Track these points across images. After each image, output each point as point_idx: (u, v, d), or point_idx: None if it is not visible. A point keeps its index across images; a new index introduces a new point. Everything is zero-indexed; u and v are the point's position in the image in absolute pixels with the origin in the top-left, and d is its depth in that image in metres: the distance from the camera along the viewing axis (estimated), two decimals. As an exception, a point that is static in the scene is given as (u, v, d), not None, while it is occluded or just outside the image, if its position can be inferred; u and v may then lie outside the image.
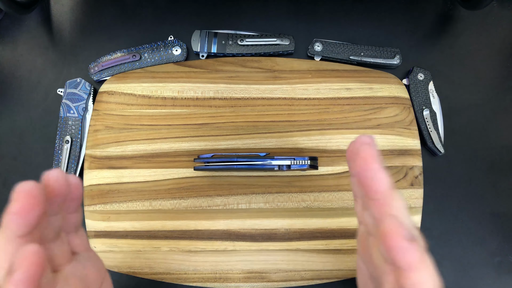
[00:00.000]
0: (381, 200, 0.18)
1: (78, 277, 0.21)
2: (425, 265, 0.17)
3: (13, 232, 0.17)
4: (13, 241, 0.17)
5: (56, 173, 0.19)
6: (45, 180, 0.19)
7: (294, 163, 0.35)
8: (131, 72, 0.41)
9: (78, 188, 0.21)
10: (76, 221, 0.23)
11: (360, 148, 0.18)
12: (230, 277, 0.36)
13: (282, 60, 0.41)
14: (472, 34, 0.45)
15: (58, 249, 0.21)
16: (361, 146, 0.18)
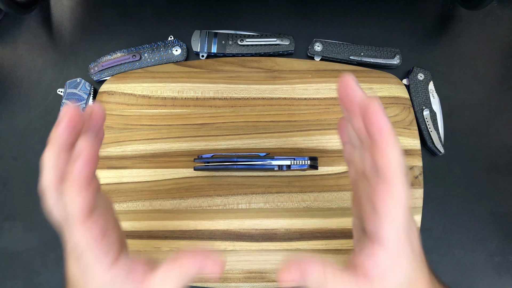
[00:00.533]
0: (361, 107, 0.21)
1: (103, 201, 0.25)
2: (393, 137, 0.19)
3: (62, 143, 0.21)
4: (62, 152, 0.21)
5: (97, 106, 0.23)
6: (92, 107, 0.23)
7: (294, 163, 0.35)
8: (131, 72, 0.41)
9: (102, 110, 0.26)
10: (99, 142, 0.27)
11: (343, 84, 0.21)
12: (230, 277, 0.36)
13: (282, 60, 0.41)
14: (472, 34, 0.45)
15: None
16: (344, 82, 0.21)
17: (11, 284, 0.37)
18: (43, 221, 0.38)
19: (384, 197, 0.19)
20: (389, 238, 0.20)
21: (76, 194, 0.19)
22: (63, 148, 0.21)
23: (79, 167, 0.19)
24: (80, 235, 0.20)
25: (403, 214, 0.19)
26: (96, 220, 0.21)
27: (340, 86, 0.21)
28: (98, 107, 0.24)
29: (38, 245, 0.38)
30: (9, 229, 0.39)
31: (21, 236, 0.38)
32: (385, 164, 0.19)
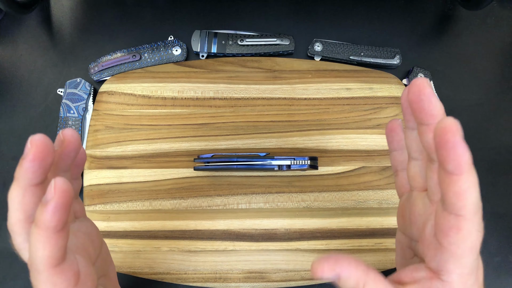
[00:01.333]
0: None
1: (84, 232, 0.23)
2: (472, 171, 0.16)
3: (29, 180, 0.19)
4: (29, 190, 0.19)
5: (71, 132, 0.21)
6: (62, 133, 0.21)
7: (294, 163, 0.35)
8: (131, 72, 0.41)
9: (82, 155, 0.24)
10: (77, 187, 0.25)
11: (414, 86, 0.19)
12: (230, 277, 0.36)
13: (282, 60, 0.41)
14: (472, 34, 0.45)
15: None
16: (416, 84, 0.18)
17: (11, 284, 0.37)
18: (43, 221, 0.39)
19: (455, 236, 0.17)
20: (455, 275, 0.18)
21: (42, 243, 0.17)
22: (29, 185, 0.19)
23: (48, 214, 0.16)
24: (45, 286, 0.17)
25: (474, 252, 0.17)
26: (68, 266, 0.18)
27: (412, 89, 0.18)
28: (70, 132, 0.21)
29: (38, 245, 0.38)
30: (9, 229, 0.39)
31: (21, 236, 0.38)
32: (461, 203, 0.16)
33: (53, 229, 0.17)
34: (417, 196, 0.21)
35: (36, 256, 0.17)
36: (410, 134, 0.22)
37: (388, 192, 0.38)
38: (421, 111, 0.18)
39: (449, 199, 0.17)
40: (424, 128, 0.19)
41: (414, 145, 0.21)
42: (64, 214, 0.17)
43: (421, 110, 0.18)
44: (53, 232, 0.17)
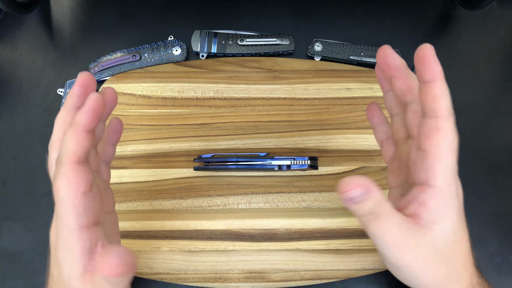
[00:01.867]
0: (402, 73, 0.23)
1: (103, 182, 0.26)
2: (444, 81, 0.21)
3: (74, 103, 0.22)
4: (72, 112, 0.22)
5: (111, 90, 0.24)
6: (104, 89, 0.24)
7: (294, 163, 0.35)
8: (131, 72, 0.41)
9: (121, 125, 0.29)
10: (112, 154, 0.29)
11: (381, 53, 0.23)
12: (230, 277, 0.36)
13: (282, 60, 0.41)
14: (472, 34, 0.45)
15: (93, 156, 0.25)
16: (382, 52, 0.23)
17: (11, 284, 0.37)
18: (43, 221, 0.39)
19: (435, 136, 0.20)
20: (440, 177, 0.20)
21: (73, 137, 0.20)
22: (73, 107, 0.22)
23: (82, 114, 0.20)
24: (63, 180, 0.20)
25: (453, 154, 0.20)
26: (85, 170, 0.20)
27: (379, 55, 0.23)
28: (111, 90, 0.25)
29: (38, 245, 0.38)
30: (9, 229, 0.38)
31: (21, 236, 0.38)
32: (438, 104, 0.20)
33: (83, 127, 0.20)
34: (401, 146, 0.25)
35: (64, 150, 0.20)
36: (388, 95, 0.26)
37: (388, 192, 0.38)
38: (388, 67, 0.23)
39: (428, 104, 0.20)
40: (394, 79, 0.23)
41: (393, 103, 0.26)
42: (94, 116, 0.20)
43: (388, 67, 0.23)
44: (83, 130, 0.20)
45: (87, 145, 0.20)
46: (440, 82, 0.20)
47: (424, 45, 0.20)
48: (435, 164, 0.20)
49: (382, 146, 0.29)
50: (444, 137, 0.20)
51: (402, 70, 0.23)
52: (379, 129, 0.29)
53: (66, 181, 0.20)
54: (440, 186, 0.20)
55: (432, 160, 0.20)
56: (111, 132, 0.28)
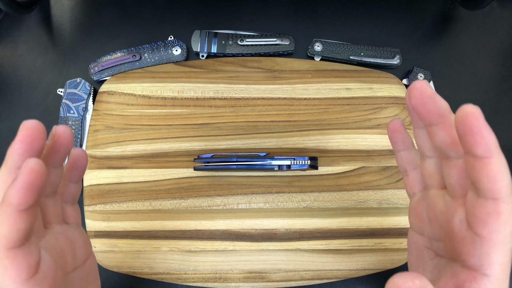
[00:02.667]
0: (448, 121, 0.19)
1: (67, 238, 0.22)
2: (501, 153, 0.16)
3: (15, 162, 0.18)
4: (14, 173, 0.18)
5: (64, 127, 0.21)
6: (55, 129, 0.21)
7: (294, 163, 0.35)
8: (131, 72, 0.41)
9: (83, 159, 0.24)
10: (75, 192, 0.25)
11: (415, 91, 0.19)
12: (230, 277, 0.36)
13: (282, 60, 0.41)
14: (472, 34, 0.45)
15: (52, 207, 0.22)
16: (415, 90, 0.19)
17: None
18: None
19: (495, 223, 0.17)
20: (497, 266, 0.17)
21: (4, 219, 0.16)
22: (15, 167, 0.18)
23: (13, 190, 0.16)
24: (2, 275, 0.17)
25: (509, 238, 0.17)
26: (23, 255, 0.17)
27: (413, 94, 0.19)
28: (63, 128, 0.21)
29: (38, 245, 0.38)
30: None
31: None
32: (497, 185, 0.16)
33: (15, 206, 0.16)
34: (435, 194, 0.21)
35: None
36: (421, 133, 0.22)
37: (388, 192, 0.38)
38: (428, 113, 0.19)
39: (484, 184, 0.16)
40: (435, 128, 0.19)
41: (427, 144, 0.21)
42: (30, 193, 0.16)
43: (427, 112, 0.19)
44: (14, 210, 0.16)
45: (24, 226, 0.17)
46: (497, 157, 0.16)
47: (469, 108, 0.16)
48: (492, 252, 0.17)
49: (405, 176, 0.25)
50: (506, 222, 0.17)
51: (447, 119, 0.19)
52: (404, 157, 0.24)
53: (2, 270, 0.17)
54: (495, 275, 0.18)
55: (488, 248, 0.17)
56: (72, 170, 0.24)
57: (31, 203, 0.17)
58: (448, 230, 0.20)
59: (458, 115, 0.16)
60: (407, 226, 0.37)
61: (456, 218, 0.19)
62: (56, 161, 0.21)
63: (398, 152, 0.25)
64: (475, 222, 0.18)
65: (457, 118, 0.16)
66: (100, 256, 0.37)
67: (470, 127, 0.16)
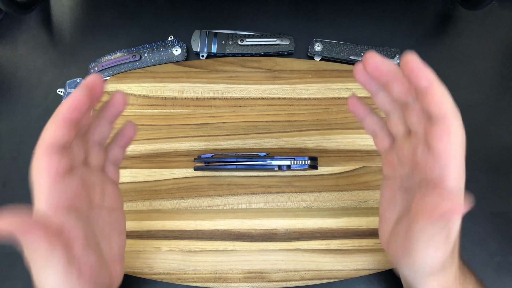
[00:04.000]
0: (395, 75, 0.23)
1: (100, 180, 0.26)
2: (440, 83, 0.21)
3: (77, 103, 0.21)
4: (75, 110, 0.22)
5: (122, 94, 0.25)
6: (114, 93, 0.25)
7: (294, 163, 0.35)
8: (131, 72, 0.41)
9: (133, 128, 0.28)
10: (119, 155, 0.28)
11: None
12: (230, 277, 0.36)
13: (282, 60, 0.41)
14: (472, 34, 0.45)
15: (96, 154, 0.26)
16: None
17: (11, 284, 0.37)
18: (43, 221, 0.38)
19: (447, 137, 0.21)
20: (456, 177, 0.21)
21: (51, 125, 0.21)
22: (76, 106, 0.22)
23: (64, 105, 0.21)
24: (35, 163, 0.21)
25: (463, 149, 0.21)
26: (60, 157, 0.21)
27: (369, 64, 0.23)
28: (122, 94, 0.25)
29: (38, 245, 0.38)
30: (9, 229, 0.38)
31: (21, 236, 0.38)
32: (441, 107, 0.20)
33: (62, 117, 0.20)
34: (402, 140, 0.26)
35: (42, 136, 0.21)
36: (379, 96, 0.26)
37: (388, 192, 0.38)
38: (382, 74, 0.23)
39: (432, 109, 0.21)
40: (391, 84, 0.23)
41: (386, 102, 0.26)
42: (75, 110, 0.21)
43: (381, 73, 0.23)
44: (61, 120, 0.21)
45: (65, 135, 0.21)
46: (437, 85, 0.21)
47: (408, 55, 0.21)
48: (450, 163, 0.21)
49: (375, 137, 0.29)
50: (456, 135, 0.21)
51: (398, 74, 0.23)
52: (368, 121, 0.29)
53: (38, 164, 0.21)
54: (456, 186, 0.21)
55: (446, 159, 0.21)
56: (120, 136, 0.28)
57: (75, 117, 0.21)
58: (414, 162, 0.24)
59: (402, 62, 0.21)
60: (407, 226, 0.37)
61: (419, 150, 0.23)
62: (107, 115, 0.25)
63: (362, 120, 0.29)
64: (432, 142, 0.21)
65: (402, 65, 0.21)
66: (100, 256, 0.37)
67: (411, 67, 0.21)
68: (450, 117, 0.20)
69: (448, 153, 0.21)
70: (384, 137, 0.28)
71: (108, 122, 0.26)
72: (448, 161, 0.21)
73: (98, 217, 0.25)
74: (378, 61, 0.22)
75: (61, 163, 0.21)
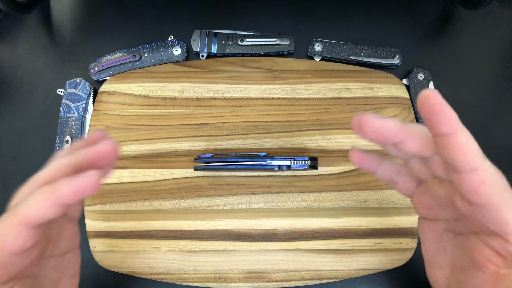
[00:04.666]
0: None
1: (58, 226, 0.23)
2: (464, 127, 0.18)
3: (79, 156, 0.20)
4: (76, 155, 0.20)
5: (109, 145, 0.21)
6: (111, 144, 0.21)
7: (294, 163, 0.35)
8: (131, 72, 0.41)
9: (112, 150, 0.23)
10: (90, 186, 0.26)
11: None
12: (230, 277, 0.36)
13: (282, 60, 0.41)
14: (472, 34, 0.45)
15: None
16: None
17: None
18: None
19: (485, 189, 0.18)
20: (510, 222, 0.18)
21: (41, 200, 0.18)
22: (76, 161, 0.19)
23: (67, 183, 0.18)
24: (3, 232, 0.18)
25: (506, 189, 0.18)
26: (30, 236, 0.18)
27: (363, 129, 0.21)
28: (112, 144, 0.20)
29: (38, 245, 0.38)
30: (9, 229, 0.38)
31: (21, 236, 0.38)
32: (469, 156, 0.18)
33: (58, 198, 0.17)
34: (433, 183, 0.22)
35: (24, 204, 0.18)
36: (392, 149, 0.23)
37: (388, 192, 0.38)
38: (387, 138, 0.20)
39: (457, 159, 0.18)
40: (401, 145, 0.21)
41: (399, 154, 0.23)
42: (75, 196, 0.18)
43: (387, 138, 0.20)
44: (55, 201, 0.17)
45: (53, 215, 0.18)
46: (461, 131, 0.18)
47: (428, 92, 0.17)
48: (500, 212, 0.18)
49: (396, 184, 0.25)
50: (493, 185, 0.18)
51: (406, 133, 0.20)
52: (384, 172, 0.25)
53: (3, 232, 0.18)
54: None
55: (495, 211, 0.18)
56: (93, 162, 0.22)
57: (71, 202, 0.18)
58: (458, 209, 0.20)
59: (420, 100, 0.17)
60: (407, 226, 0.37)
61: (457, 199, 0.20)
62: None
63: (376, 173, 0.25)
64: (469, 197, 0.18)
65: (419, 103, 0.17)
66: (100, 256, 0.37)
67: (432, 108, 0.17)
68: (479, 165, 0.18)
69: (494, 204, 0.18)
70: (407, 182, 0.24)
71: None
72: (500, 211, 0.18)
73: (47, 267, 0.23)
74: (377, 126, 0.20)
75: (31, 241, 0.18)
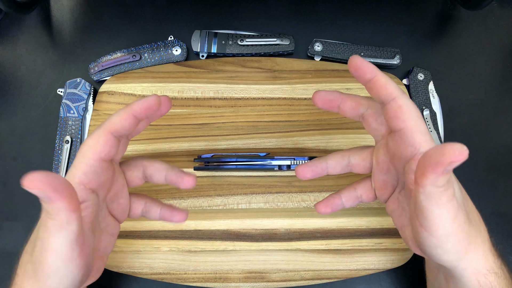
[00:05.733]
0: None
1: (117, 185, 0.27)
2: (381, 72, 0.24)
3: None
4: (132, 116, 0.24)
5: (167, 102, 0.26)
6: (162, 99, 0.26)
7: (294, 163, 0.35)
8: (131, 72, 0.41)
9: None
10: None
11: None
12: (230, 277, 0.36)
13: (282, 60, 0.41)
14: (472, 34, 0.45)
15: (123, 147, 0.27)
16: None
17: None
18: (43, 221, 0.38)
19: (402, 113, 0.23)
20: (423, 143, 0.22)
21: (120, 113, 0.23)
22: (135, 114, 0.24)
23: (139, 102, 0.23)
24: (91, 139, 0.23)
25: (423, 121, 0.23)
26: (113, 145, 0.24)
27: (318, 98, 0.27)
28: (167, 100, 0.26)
29: (38, 245, 0.38)
30: (9, 229, 0.39)
31: (21, 236, 0.38)
32: (389, 89, 0.23)
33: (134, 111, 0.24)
34: (381, 143, 0.27)
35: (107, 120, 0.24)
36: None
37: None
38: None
39: (381, 93, 0.23)
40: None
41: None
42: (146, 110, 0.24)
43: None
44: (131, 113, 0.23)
45: (127, 127, 0.24)
46: (379, 73, 0.23)
47: (352, 57, 0.23)
48: (414, 135, 0.23)
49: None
50: (410, 110, 0.23)
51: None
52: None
53: (94, 140, 0.23)
54: (426, 147, 0.23)
55: (411, 134, 0.23)
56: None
57: (142, 116, 0.24)
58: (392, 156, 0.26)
59: (349, 65, 0.24)
60: (407, 226, 0.37)
61: (390, 140, 0.25)
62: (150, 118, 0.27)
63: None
64: (392, 124, 0.24)
65: (349, 67, 0.24)
66: (100, 256, 0.37)
67: (356, 65, 0.23)
68: (398, 95, 0.23)
69: (409, 127, 0.23)
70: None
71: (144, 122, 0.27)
72: (413, 133, 0.22)
73: (103, 210, 0.26)
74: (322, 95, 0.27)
75: (111, 150, 0.24)
